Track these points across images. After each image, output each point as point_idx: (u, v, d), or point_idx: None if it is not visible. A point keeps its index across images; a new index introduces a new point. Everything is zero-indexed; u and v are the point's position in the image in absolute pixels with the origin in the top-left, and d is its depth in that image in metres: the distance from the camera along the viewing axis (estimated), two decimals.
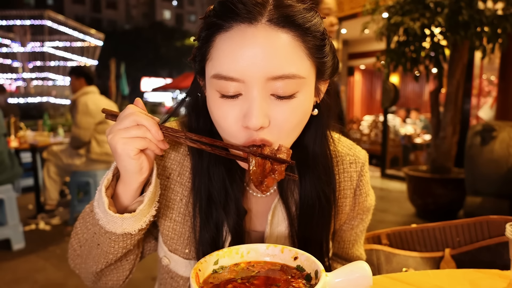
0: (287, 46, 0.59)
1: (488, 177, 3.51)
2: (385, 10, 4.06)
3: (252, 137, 0.61)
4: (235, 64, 0.58)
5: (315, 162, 0.76)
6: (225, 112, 0.62)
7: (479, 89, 6.06)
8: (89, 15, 41.77)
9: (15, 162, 3.24)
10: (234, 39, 0.59)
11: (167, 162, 0.77)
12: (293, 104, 0.61)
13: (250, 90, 0.59)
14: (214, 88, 0.62)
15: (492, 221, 1.05)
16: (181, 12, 50.30)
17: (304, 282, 0.55)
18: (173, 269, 0.79)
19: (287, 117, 0.62)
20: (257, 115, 0.58)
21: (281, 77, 0.59)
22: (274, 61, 0.58)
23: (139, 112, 0.59)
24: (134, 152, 0.59)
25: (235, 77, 0.59)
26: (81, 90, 3.80)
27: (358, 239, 0.91)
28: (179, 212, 0.77)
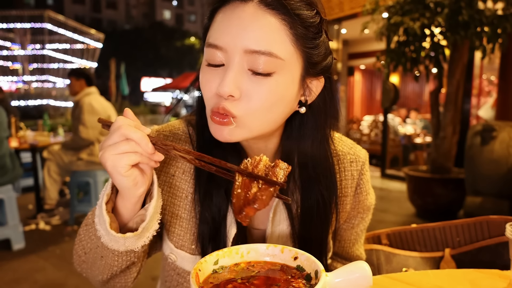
0: (271, 26, 0.62)
1: (488, 177, 3.51)
2: (385, 10, 4.06)
3: (217, 104, 0.64)
4: (222, 34, 0.63)
5: (314, 164, 0.76)
6: (207, 79, 0.66)
7: (479, 89, 6.06)
8: (89, 15, 41.77)
9: (16, 164, 3.24)
10: (226, 12, 0.64)
11: (172, 159, 0.79)
12: (267, 83, 0.63)
13: (230, 60, 0.63)
14: (205, 58, 0.67)
15: (492, 221, 1.05)
16: (181, 12, 50.30)
17: (304, 282, 0.55)
18: (179, 265, 0.79)
19: (258, 94, 0.63)
20: (228, 82, 0.61)
21: (258, 52, 0.61)
22: (255, 36, 0.61)
23: (127, 125, 0.57)
24: (124, 169, 0.57)
25: (219, 45, 0.63)
26: (83, 91, 3.80)
27: (359, 238, 0.91)
28: (184, 209, 0.78)
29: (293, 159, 0.78)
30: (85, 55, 12.90)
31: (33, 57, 12.15)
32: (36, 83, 12.48)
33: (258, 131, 0.68)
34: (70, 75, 3.95)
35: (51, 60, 12.30)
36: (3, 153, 3.04)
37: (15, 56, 12.07)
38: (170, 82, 26.62)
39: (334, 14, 6.75)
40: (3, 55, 11.95)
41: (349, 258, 0.92)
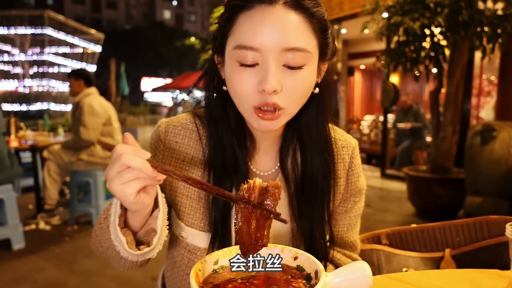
0: (298, 24, 0.70)
1: (488, 177, 3.51)
2: (385, 10, 4.07)
3: (266, 100, 0.71)
4: (255, 36, 0.69)
5: (318, 135, 0.85)
6: (243, 79, 0.71)
7: (479, 89, 6.06)
8: (89, 15, 41.75)
9: (15, 162, 3.24)
10: (256, 16, 0.70)
11: (181, 147, 0.86)
12: (301, 74, 0.72)
13: (266, 59, 0.69)
14: (235, 58, 0.72)
15: (492, 221, 1.05)
16: (181, 12, 50.30)
17: (304, 282, 0.55)
18: (191, 242, 0.86)
19: (296, 85, 0.72)
20: (272, 79, 0.68)
21: (293, 49, 0.69)
22: (288, 35, 0.69)
23: (127, 153, 0.58)
24: (132, 196, 0.60)
25: (255, 47, 0.69)
26: (83, 92, 3.80)
27: (353, 224, 0.96)
28: (194, 190, 0.85)
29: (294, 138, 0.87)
30: (85, 58, 12.92)
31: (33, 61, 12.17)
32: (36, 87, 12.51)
33: (294, 113, 0.77)
34: (69, 75, 3.95)
35: (51, 64, 12.32)
36: (1, 149, 3.04)
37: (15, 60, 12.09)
38: (170, 82, 26.62)
39: (334, 14, 6.75)
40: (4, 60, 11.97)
41: (343, 244, 0.95)
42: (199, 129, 0.87)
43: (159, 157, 0.86)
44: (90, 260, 3.10)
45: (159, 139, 0.87)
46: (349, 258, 0.94)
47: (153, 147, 0.88)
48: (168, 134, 0.87)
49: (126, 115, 14.66)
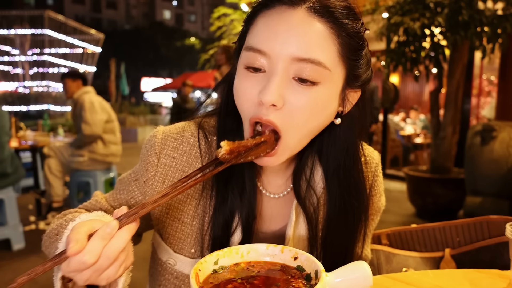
0: (320, 34, 0.60)
1: (488, 177, 3.51)
2: (385, 10, 4.07)
3: (260, 115, 0.62)
4: (266, 38, 0.61)
5: (345, 175, 0.75)
6: (246, 84, 0.64)
7: (479, 89, 6.06)
8: (89, 15, 41.76)
9: (19, 166, 3.24)
10: (272, 16, 0.62)
11: (179, 164, 0.76)
12: (311, 93, 0.61)
13: (274, 66, 0.61)
14: (242, 61, 0.64)
15: (492, 221, 1.05)
16: (181, 12, 50.30)
17: (304, 282, 0.55)
18: (178, 269, 0.79)
19: (302, 104, 0.61)
20: (272, 90, 0.59)
21: (306, 60, 0.60)
22: (303, 43, 0.59)
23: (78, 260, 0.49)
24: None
25: (263, 50, 0.61)
26: (80, 90, 3.80)
27: (367, 238, 0.91)
28: (187, 214, 0.77)
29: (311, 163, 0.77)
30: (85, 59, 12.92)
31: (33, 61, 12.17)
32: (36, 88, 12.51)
33: (299, 145, 0.67)
34: (64, 77, 3.95)
35: (51, 65, 12.33)
36: (4, 159, 3.03)
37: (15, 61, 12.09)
38: (170, 82, 26.62)
39: None
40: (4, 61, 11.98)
41: (357, 257, 0.91)
42: (200, 144, 0.77)
43: (151, 173, 0.76)
44: None
45: (154, 152, 0.76)
46: None
47: (144, 161, 0.77)
48: (165, 147, 0.76)
49: (126, 115, 14.64)
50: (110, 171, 4.09)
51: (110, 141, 3.86)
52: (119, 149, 3.98)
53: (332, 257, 0.78)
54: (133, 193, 0.80)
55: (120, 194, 0.82)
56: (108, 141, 3.84)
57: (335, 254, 0.78)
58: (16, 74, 12.22)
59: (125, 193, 0.81)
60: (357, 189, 0.77)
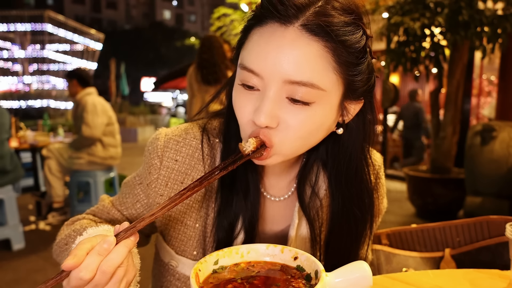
0: (313, 55, 0.58)
1: (488, 177, 3.51)
2: (385, 10, 4.07)
3: (255, 133, 0.62)
4: (258, 59, 0.59)
5: (346, 182, 0.74)
6: (242, 102, 0.64)
7: (479, 89, 6.06)
8: (89, 15, 41.76)
9: (18, 165, 3.24)
10: (264, 35, 0.60)
11: (181, 167, 0.76)
12: (306, 112, 0.60)
13: (267, 88, 0.60)
14: (239, 77, 0.64)
15: (492, 221, 1.05)
16: (181, 12, 50.30)
17: (304, 282, 0.55)
18: (180, 271, 0.79)
19: (296, 124, 0.61)
20: (265, 113, 0.59)
21: (299, 83, 0.58)
22: (295, 66, 0.57)
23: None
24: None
25: (256, 71, 0.60)
26: (83, 91, 3.79)
27: (368, 239, 0.91)
28: (190, 216, 0.77)
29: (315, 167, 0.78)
30: (85, 56, 12.92)
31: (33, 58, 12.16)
32: (36, 84, 12.49)
33: (293, 155, 0.67)
34: (66, 76, 3.94)
35: (51, 61, 12.31)
36: (3, 155, 3.04)
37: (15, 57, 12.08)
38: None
39: None
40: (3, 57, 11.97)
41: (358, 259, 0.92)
42: (203, 147, 0.76)
43: (154, 176, 0.76)
44: None
45: (156, 155, 0.76)
46: None
47: (147, 164, 0.77)
48: (167, 150, 0.76)
49: (126, 115, 14.64)
50: (110, 171, 4.09)
51: (110, 144, 3.86)
52: (118, 152, 3.97)
53: (334, 261, 0.78)
54: (138, 196, 0.80)
55: (126, 198, 0.82)
56: (107, 144, 3.84)
57: (337, 257, 0.78)
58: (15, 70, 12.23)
59: (131, 197, 0.81)
60: (359, 197, 0.76)
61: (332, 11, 0.59)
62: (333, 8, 0.59)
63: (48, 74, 12.38)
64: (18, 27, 11.42)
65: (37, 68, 12.22)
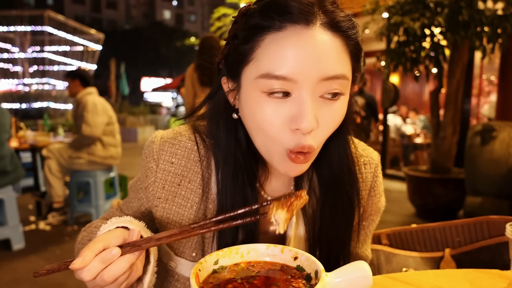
0: (338, 49, 0.61)
1: (488, 177, 3.51)
2: (385, 10, 4.06)
3: (301, 143, 0.61)
4: (289, 64, 0.58)
5: (338, 165, 0.76)
6: (271, 114, 0.61)
7: (479, 89, 6.06)
8: (89, 15, 41.77)
9: (18, 165, 3.24)
10: (290, 39, 0.59)
11: (178, 169, 0.76)
12: (337, 105, 0.63)
13: (301, 91, 0.60)
14: (260, 89, 0.61)
15: (492, 221, 1.05)
16: (181, 12, 50.30)
17: (304, 282, 0.55)
18: (179, 272, 0.80)
19: (332, 118, 0.63)
20: (309, 117, 0.59)
21: (333, 77, 0.60)
22: (329, 62, 0.60)
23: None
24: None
25: (289, 77, 0.59)
26: (84, 91, 3.80)
27: (367, 238, 0.92)
28: (188, 218, 0.77)
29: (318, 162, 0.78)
30: (85, 57, 12.91)
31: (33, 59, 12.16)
32: (36, 85, 12.49)
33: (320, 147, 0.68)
34: (66, 77, 3.94)
35: (51, 63, 12.31)
36: (4, 155, 3.04)
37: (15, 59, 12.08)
38: (170, 82, 26.61)
39: None
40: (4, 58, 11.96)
41: (358, 258, 0.92)
42: (199, 149, 0.77)
43: (151, 179, 0.77)
44: None
45: (152, 158, 0.77)
46: None
47: (144, 168, 0.78)
48: (163, 153, 0.76)
49: (126, 115, 14.65)
50: (110, 171, 4.09)
51: (110, 144, 3.86)
52: (118, 152, 3.98)
53: (329, 255, 0.79)
54: (142, 200, 0.81)
55: (132, 202, 0.84)
56: (107, 144, 3.84)
57: (332, 251, 0.79)
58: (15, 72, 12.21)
59: (136, 201, 0.83)
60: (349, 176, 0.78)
61: (330, 7, 0.63)
62: (331, 4, 0.63)
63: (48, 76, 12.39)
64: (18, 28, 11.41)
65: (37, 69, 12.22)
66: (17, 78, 12.23)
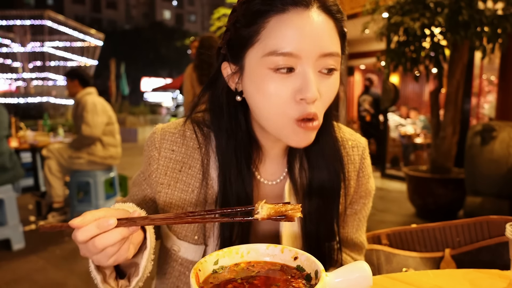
0: (332, 29, 0.69)
1: (488, 177, 3.51)
2: (385, 10, 4.06)
3: (307, 111, 0.67)
4: (294, 42, 0.65)
5: (324, 143, 0.82)
6: (278, 87, 0.68)
7: (479, 89, 6.06)
8: (89, 15, 41.77)
9: (17, 163, 3.23)
10: (292, 20, 0.66)
11: (178, 156, 0.82)
12: (332, 79, 0.71)
13: (304, 66, 0.67)
14: (267, 66, 0.67)
15: (492, 221, 1.05)
16: (181, 12, 50.30)
17: (304, 282, 0.55)
18: (183, 255, 0.83)
19: (329, 91, 0.70)
20: (313, 88, 0.66)
21: (330, 54, 0.68)
22: (327, 40, 0.67)
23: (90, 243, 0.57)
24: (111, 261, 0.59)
25: (294, 53, 0.65)
26: (84, 91, 3.80)
27: (361, 224, 0.95)
28: (190, 202, 0.82)
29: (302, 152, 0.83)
30: (85, 53, 12.90)
31: (33, 55, 12.14)
32: (36, 81, 12.45)
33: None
34: (65, 76, 3.94)
35: (51, 58, 12.29)
36: (3, 152, 3.04)
37: (14, 54, 12.06)
38: (170, 82, 26.61)
39: None
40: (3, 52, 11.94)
41: (352, 244, 0.94)
42: (198, 137, 0.83)
43: (153, 166, 0.82)
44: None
45: (154, 147, 0.82)
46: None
47: (147, 156, 0.83)
48: (164, 141, 0.82)
49: (126, 115, 14.65)
50: (110, 171, 4.09)
51: (109, 144, 3.86)
52: (118, 152, 3.98)
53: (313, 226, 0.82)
54: (146, 191, 0.86)
55: (136, 195, 0.88)
56: (107, 144, 3.84)
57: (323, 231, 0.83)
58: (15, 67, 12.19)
59: (139, 193, 0.87)
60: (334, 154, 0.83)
61: None
62: None
63: (48, 71, 12.35)
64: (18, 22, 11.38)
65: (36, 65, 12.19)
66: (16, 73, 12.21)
